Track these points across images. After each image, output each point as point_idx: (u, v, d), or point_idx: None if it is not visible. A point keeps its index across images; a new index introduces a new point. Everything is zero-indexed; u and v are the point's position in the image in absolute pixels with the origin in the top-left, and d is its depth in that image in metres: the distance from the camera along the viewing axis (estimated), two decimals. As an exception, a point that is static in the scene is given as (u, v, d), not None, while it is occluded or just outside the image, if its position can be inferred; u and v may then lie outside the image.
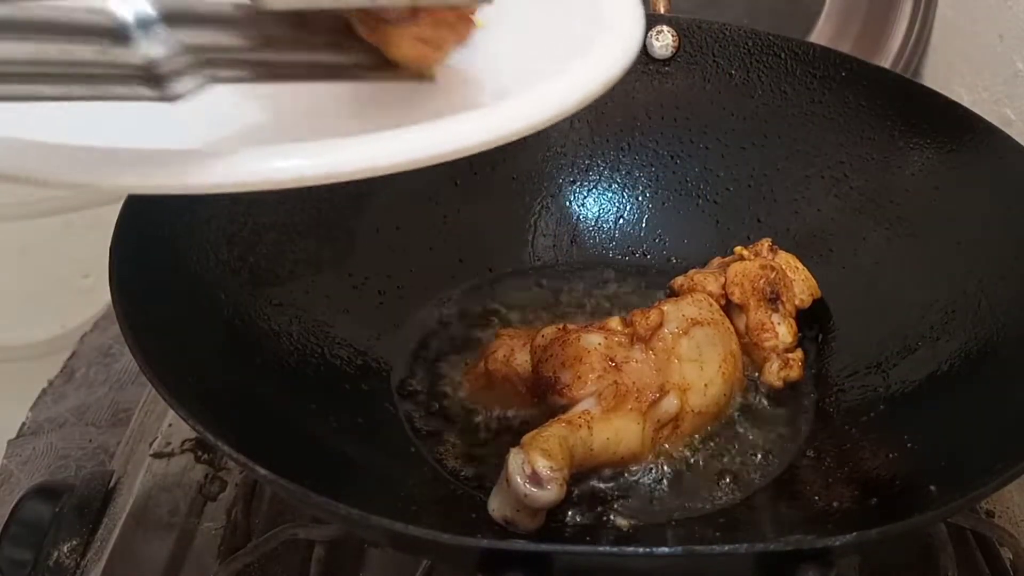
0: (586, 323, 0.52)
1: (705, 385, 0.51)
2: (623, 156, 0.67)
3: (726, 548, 0.34)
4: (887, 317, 0.56)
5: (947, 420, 0.48)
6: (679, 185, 0.66)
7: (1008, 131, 0.55)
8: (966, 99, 0.71)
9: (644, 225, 0.66)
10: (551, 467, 0.42)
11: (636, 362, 0.49)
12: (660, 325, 0.51)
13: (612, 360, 0.49)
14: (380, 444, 0.51)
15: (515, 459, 0.43)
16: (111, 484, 0.57)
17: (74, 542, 0.53)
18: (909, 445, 0.48)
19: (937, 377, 0.51)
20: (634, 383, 0.49)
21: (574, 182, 0.67)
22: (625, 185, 0.67)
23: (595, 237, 0.66)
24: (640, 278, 0.64)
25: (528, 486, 0.42)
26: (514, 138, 0.31)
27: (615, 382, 0.48)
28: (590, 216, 0.67)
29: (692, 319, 0.52)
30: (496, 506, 0.44)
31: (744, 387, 0.55)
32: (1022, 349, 0.48)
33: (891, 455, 0.48)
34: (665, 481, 0.50)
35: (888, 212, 0.59)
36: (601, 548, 0.36)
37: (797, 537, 0.34)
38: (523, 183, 0.66)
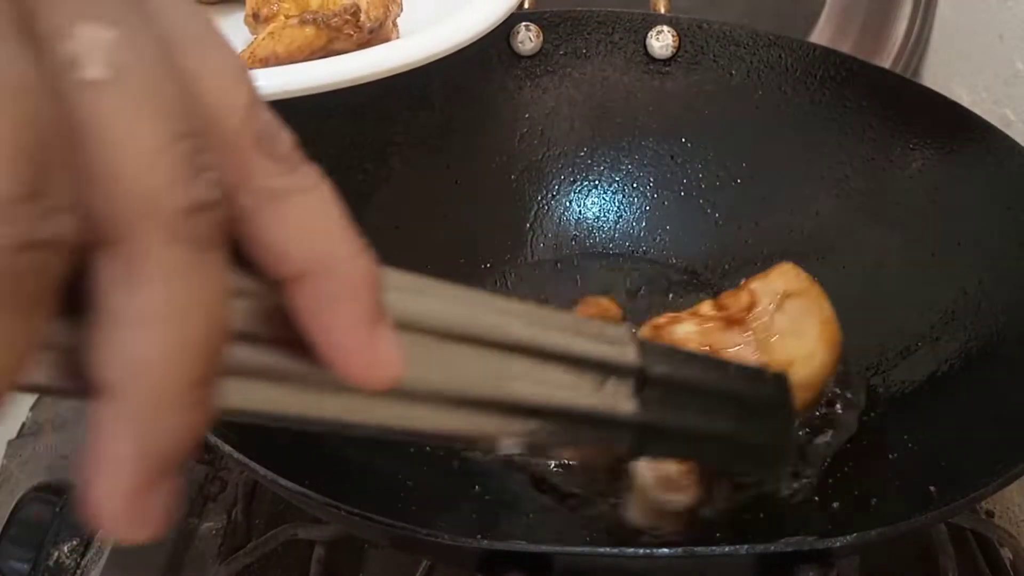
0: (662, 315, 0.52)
1: (809, 355, 0.49)
2: (623, 156, 0.67)
3: (726, 549, 0.34)
4: (887, 317, 0.56)
5: (947, 420, 0.48)
6: (679, 185, 0.66)
7: (1008, 131, 0.55)
8: (966, 99, 0.70)
9: (644, 225, 0.66)
10: (680, 469, 0.43)
11: (737, 346, 0.48)
12: (753, 304, 0.50)
13: (710, 348, 0.48)
14: (379, 444, 0.50)
15: (644, 469, 0.43)
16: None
17: (74, 542, 0.53)
18: (909, 445, 0.48)
19: (937, 377, 0.51)
20: None
21: (574, 182, 0.67)
22: (625, 185, 0.67)
23: (595, 237, 0.66)
24: (640, 278, 0.64)
25: (664, 494, 0.43)
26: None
27: None
28: (590, 216, 0.67)
29: (784, 292, 0.51)
30: (638, 516, 0.45)
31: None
32: (1022, 349, 0.48)
33: (891, 455, 0.48)
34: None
35: (888, 212, 0.59)
36: (601, 549, 0.36)
37: (797, 538, 0.34)
38: (523, 183, 0.66)
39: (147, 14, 0.17)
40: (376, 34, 0.54)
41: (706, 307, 0.51)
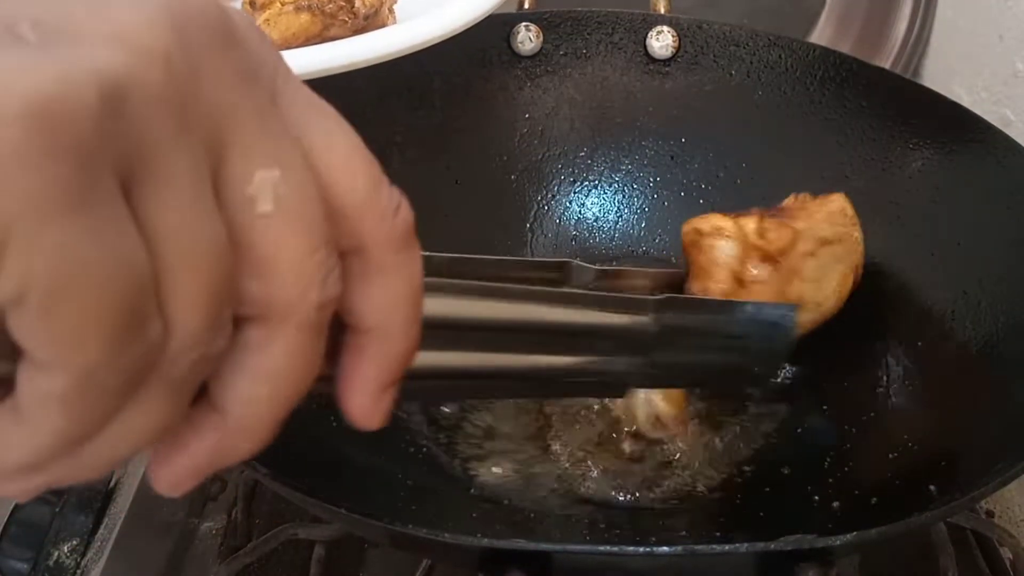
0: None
1: (818, 304, 0.51)
2: (623, 156, 0.67)
3: (726, 548, 0.34)
4: (886, 317, 0.56)
5: (947, 420, 0.48)
6: (679, 185, 0.66)
7: (1008, 131, 0.55)
8: (966, 99, 0.70)
9: (644, 225, 0.66)
10: (671, 413, 0.50)
11: (760, 283, 0.50)
12: (793, 245, 0.51)
13: (740, 278, 0.50)
14: (380, 444, 0.51)
15: (643, 404, 0.51)
16: (111, 484, 0.57)
17: (74, 542, 0.53)
18: (909, 445, 0.48)
19: (937, 377, 0.51)
20: None
21: (574, 182, 0.67)
22: (625, 185, 0.67)
23: (595, 237, 0.66)
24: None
25: (652, 429, 0.51)
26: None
27: None
28: (590, 216, 0.67)
29: (823, 239, 0.52)
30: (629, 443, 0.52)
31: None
32: (1022, 349, 0.48)
33: (891, 455, 0.48)
34: (664, 482, 0.50)
35: (888, 212, 0.59)
36: (601, 548, 0.36)
37: (797, 537, 0.34)
38: (523, 183, 0.66)
39: (294, 128, 0.21)
40: (371, 21, 0.54)
41: (752, 223, 0.51)
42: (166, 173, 0.18)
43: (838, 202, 0.53)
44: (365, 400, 0.23)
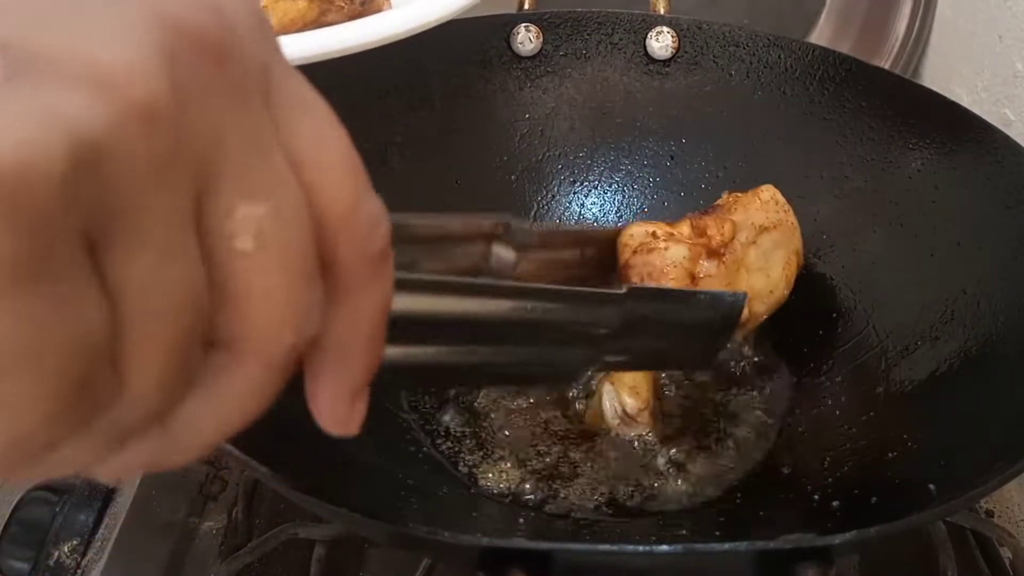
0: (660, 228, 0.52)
1: (770, 291, 0.53)
2: (623, 156, 0.67)
3: (726, 546, 0.34)
4: (886, 317, 0.56)
5: (947, 420, 0.48)
6: (679, 185, 0.66)
7: (1007, 131, 0.55)
8: (965, 99, 0.70)
9: (644, 225, 0.66)
10: (638, 407, 0.50)
11: (710, 277, 0.51)
12: (733, 236, 0.52)
13: (692, 276, 0.51)
14: (379, 443, 0.51)
15: (608, 400, 0.51)
16: (111, 484, 0.57)
17: (74, 542, 0.53)
18: (909, 444, 0.48)
19: (937, 377, 0.51)
20: None
21: (574, 182, 0.67)
22: (625, 185, 0.67)
23: (595, 237, 0.66)
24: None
25: (621, 425, 0.51)
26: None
27: None
28: (590, 216, 0.67)
29: (760, 226, 0.53)
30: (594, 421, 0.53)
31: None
32: (1022, 349, 0.48)
33: (891, 455, 0.48)
34: (664, 481, 0.50)
35: (888, 212, 0.59)
36: (601, 546, 0.36)
37: (797, 536, 0.34)
38: (523, 183, 0.66)
39: (284, 129, 0.19)
40: (367, 6, 0.55)
41: (685, 228, 0.52)
42: (139, 229, 0.16)
43: (768, 192, 0.55)
44: (335, 413, 0.22)
